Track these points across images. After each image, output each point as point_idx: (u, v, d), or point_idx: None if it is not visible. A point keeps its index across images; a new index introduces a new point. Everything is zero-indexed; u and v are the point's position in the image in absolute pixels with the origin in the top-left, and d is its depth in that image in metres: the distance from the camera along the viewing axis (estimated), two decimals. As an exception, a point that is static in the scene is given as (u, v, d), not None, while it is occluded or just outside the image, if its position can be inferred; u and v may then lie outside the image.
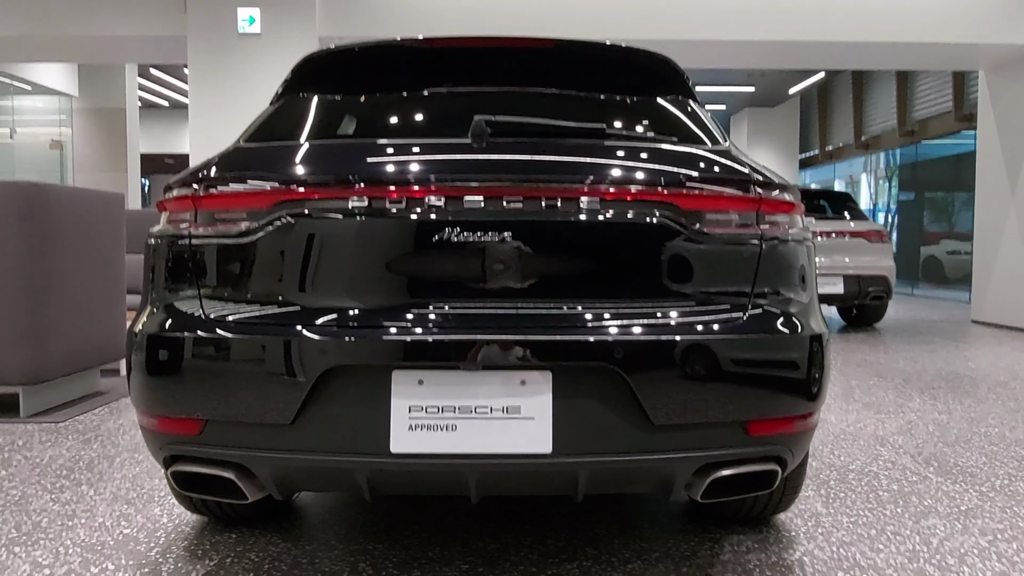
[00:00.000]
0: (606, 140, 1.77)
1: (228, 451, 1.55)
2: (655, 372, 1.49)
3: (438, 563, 2.03)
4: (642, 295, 1.56)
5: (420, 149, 1.68)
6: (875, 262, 7.16)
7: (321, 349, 1.48)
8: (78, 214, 3.90)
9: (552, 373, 1.47)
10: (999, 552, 2.11)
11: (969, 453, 3.10)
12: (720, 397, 1.51)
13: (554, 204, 1.52)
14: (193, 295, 1.62)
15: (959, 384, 4.62)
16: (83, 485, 2.70)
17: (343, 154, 1.72)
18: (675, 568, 2.00)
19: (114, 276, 4.29)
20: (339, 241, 1.56)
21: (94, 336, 4.08)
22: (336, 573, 1.98)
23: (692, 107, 2.02)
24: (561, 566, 2.01)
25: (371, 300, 1.55)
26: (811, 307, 1.72)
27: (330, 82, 2.09)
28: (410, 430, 1.46)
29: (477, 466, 1.48)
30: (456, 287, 1.53)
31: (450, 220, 1.51)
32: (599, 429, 1.48)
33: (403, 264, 1.55)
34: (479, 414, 1.46)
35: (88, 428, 3.52)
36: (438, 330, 1.49)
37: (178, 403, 1.57)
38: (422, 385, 1.47)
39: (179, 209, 1.69)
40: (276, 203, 1.57)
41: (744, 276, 1.61)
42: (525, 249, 1.52)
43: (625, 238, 1.56)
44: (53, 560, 2.06)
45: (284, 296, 1.57)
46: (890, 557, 2.08)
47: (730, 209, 1.61)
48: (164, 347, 1.59)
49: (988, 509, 2.45)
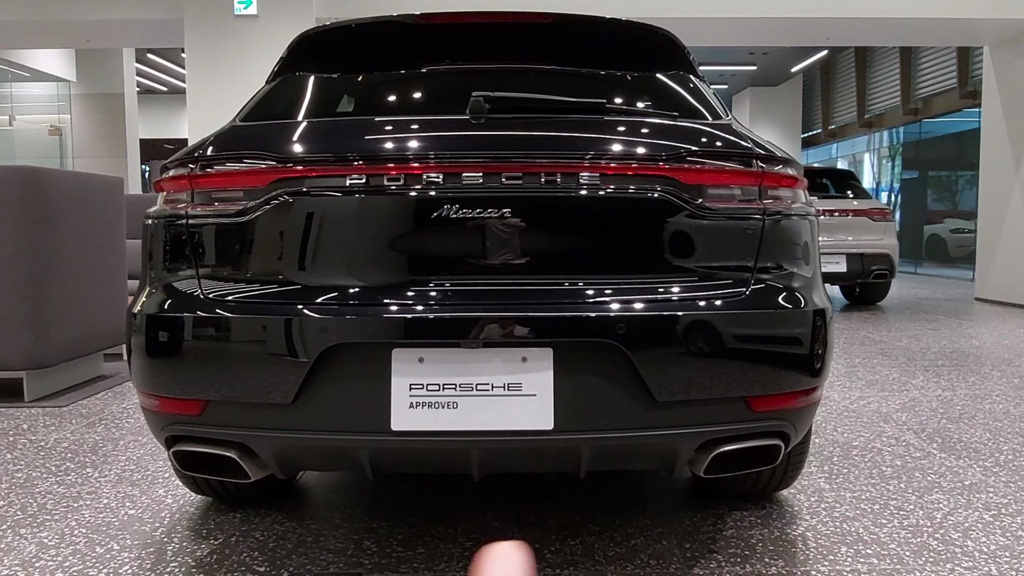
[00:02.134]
0: (606, 115, 1.74)
1: (229, 431, 1.55)
2: (657, 348, 1.47)
3: (442, 540, 2.03)
4: (643, 270, 1.54)
5: (418, 126, 1.66)
6: (878, 240, 7.13)
7: (321, 328, 1.47)
8: (78, 199, 3.88)
9: (553, 350, 1.46)
10: (1003, 526, 2.11)
11: (973, 429, 3.09)
12: (723, 372, 1.50)
13: (554, 180, 1.51)
14: (191, 275, 1.61)
15: (963, 361, 4.61)
16: (88, 468, 2.71)
17: (340, 131, 1.69)
18: (678, 544, 2.01)
19: (115, 260, 4.28)
20: (337, 219, 1.54)
21: (96, 321, 4.08)
22: (341, 551, 1.98)
23: (693, 82, 2.00)
24: (564, 543, 2.01)
25: (370, 278, 1.53)
26: (814, 282, 1.71)
27: (326, 60, 2.07)
28: (411, 408, 1.45)
29: (478, 443, 1.47)
30: (456, 264, 1.52)
31: (449, 197, 1.50)
32: (601, 405, 1.47)
33: (402, 241, 1.53)
34: (480, 391, 1.46)
35: (92, 412, 3.53)
36: (438, 307, 1.48)
37: (178, 384, 1.57)
38: (422, 363, 1.46)
39: (176, 189, 1.67)
40: (273, 181, 1.55)
41: (747, 251, 1.59)
42: (525, 225, 1.51)
43: (626, 213, 1.54)
44: (59, 541, 2.07)
45: (283, 275, 1.56)
46: (893, 532, 2.08)
47: (732, 183, 1.59)
48: (163, 328, 1.58)
49: (992, 484, 2.45)
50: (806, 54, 14.29)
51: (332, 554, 1.97)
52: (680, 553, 1.95)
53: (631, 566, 1.88)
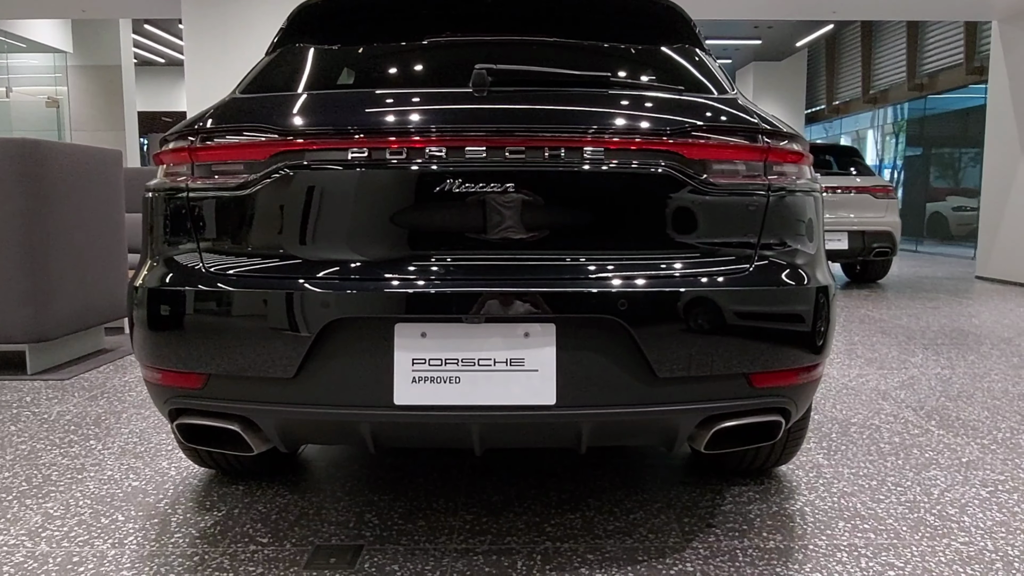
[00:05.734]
0: (610, 88, 1.72)
1: (232, 404, 1.55)
2: (659, 324, 1.47)
3: (443, 514, 2.05)
4: (646, 246, 1.53)
5: (420, 99, 1.64)
6: (880, 218, 7.11)
7: (323, 302, 1.47)
8: (76, 172, 3.86)
9: (556, 325, 1.46)
10: (1000, 503, 2.13)
11: (971, 407, 3.11)
12: (724, 349, 1.51)
13: (557, 154, 1.49)
14: (192, 248, 1.61)
15: (963, 340, 4.62)
16: (91, 440, 2.72)
17: (341, 104, 1.67)
18: (676, 519, 2.02)
19: (114, 234, 4.27)
20: (339, 192, 1.53)
21: (97, 294, 4.08)
22: (343, 523, 2.00)
23: (699, 55, 1.97)
24: (564, 516, 2.03)
25: (372, 252, 1.53)
26: (818, 259, 1.70)
27: (327, 31, 2.04)
28: (413, 382, 1.46)
29: (480, 418, 1.48)
30: (458, 238, 1.51)
31: (451, 171, 1.48)
32: (603, 381, 1.48)
33: (405, 215, 1.52)
34: (482, 366, 1.46)
35: (94, 385, 3.54)
36: (440, 282, 1.47)
37: (180, 357, 1.57)
38: (425, 337, 1.46)
39: (176, 162, 1.66)
40: (274, 154, 1.54)
41: (750, 227, 1.58)
42: (528, 200, 1.50)
43: (629, 188, 1.53)
44: (64, 511, 2.09)
45: (284, 249, 1.55)
46: (891, 507, 2.10)
47: (737, 159, 1.58)
48: (164, 301, 1.58)
49: (989, 461, 2.47)
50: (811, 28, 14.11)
51: (334, 526, 1.99)
52: (679, 527, 1.97)
53: (630, 540, 1.90)
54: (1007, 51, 7.95)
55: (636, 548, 1.86)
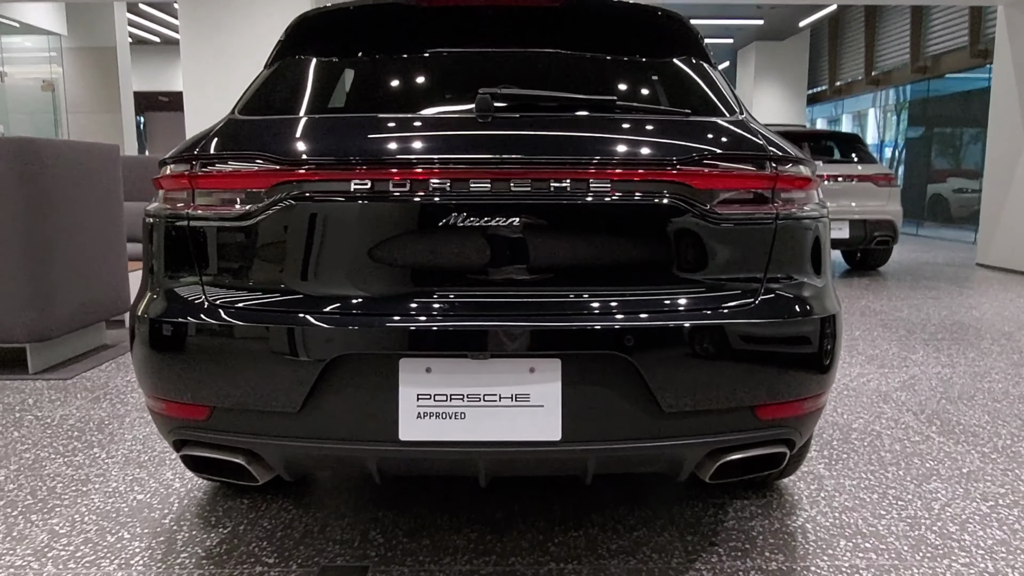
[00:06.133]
0: (615, 113, 1.69)
1: (237, 437, 1.55)
2: (665, 359, 1.47)
3: (447, 531, 2.06)
4: (652, 280, 1.52)
5: (423, 126, 1.62)
6: (882, 207, 7.08)
7: (327, 338, 1.46)
8: (75, 169, 3.82)
9: (561, 361, 1.45)
10: (1000, 519, 2.14)
11: (972, 411, 3.12)
12: (730, 383, 1.50)
13: (563, 187, 1.47)
14: (194, 279, 1.59)
15: (963, 335, 4.62)
16: (95, 447, 2.73)
17: (344, 132, 1.64)
18: (680, 536, 2.04)
19: (113, 229, 4.24)
20: (342, 224, 1.51)
21: (97, 291, 4.07)
22: (348, 542, 2.01)
23: (706, 71, 1.93)
24: (567, 534, 2.04)
25: (376, 286, 1.51)
26: (824, 286, 1.69)
27: (326, 45, 2.00)
28: (418, 418, 1.45)
29: (486, 453, 1.48)
30: (463, 273, 1.50)
31: (456, 203, 1.47)
32: (609, 416, 1.47)
33: (409, 249, 1.50)
34: (488, 402, 1.45)
35: (96, 385, 3.54)
36: (444, 317, 1.46)
37: (184, 389, 1.56)
38: (430, 373, 1.45)
39: (175, 188, 1.63)
40: (276, 184, 1.52)
41: (757, 258, 1.57)
42: (533, 234, 1.48)
43: (635, 221, 1.51)
44: (70, 528, 2.10)
45: (287, 282, 1.54)
46: (892, 524, 2.11)
47: (745, 188, 1.56)
48: (168, 333, 1.56)
49: (990, 472, 2.48)
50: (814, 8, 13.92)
51: (339, 545, 2.00)
52: (682, 546, 1.98)
53: (633, 560, 1.91)
54: (1012, 36, 7.85)
55: (640, 570, 1.87)
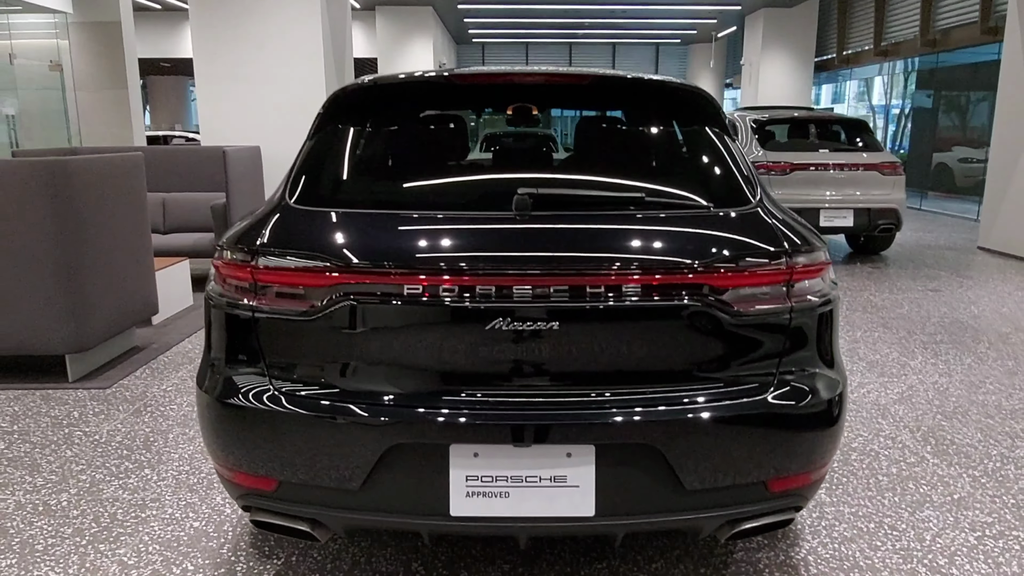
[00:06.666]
0: (643, 211, 1.81)
1: (302, 508, 1.73)
2: (688, 446, 1.64)
3: (482, 562, 2.27)
4: (674, 377, 1.68)
5: (470, 232, 1.73)
6: (886, 195, 7.17)
7: (386, 428, 1.62)
8: (103, 182, 3.94)
9: (595, 447, 1.63)
10: (985, 551, 2.34)
11: (966, 428, 3.31)
12: (745, 463, 1.67)
13: (598, 292, 1.62)
14: (259, 366, 1.74)
15: (961, 338, 4.78)
16: (145, 468, 2.93)
17: (399, 236, 1.74)
18: (694, 568, 2.24)
19: (140, 235, 4.38)
20: (399, 324, 1.66)
21: (128, 298, 4.23)
22: (393, 572, 2.22)
23: (728, 149, 2.02)
24: (592, 566, 2.25)
25: (430, 381, 1.67)
26: (834, 366, 1.83)
27: (367, 120, 2.10)
28: (467, 496, 1.63)
29: (527, 528, 1.66)
30: (509, 371, 1.65)
31: (503, 308, 1.61)
32: (637, 494, 1.65)
33: (459, 348, 1.65)
34: (529, 483, 1.63)
35: (135, 395, 3.73)
36: (491, 411, 1.63)
37: (253, 464, 1.73)
38: (477, 457, 1.63)
39: (238, 278, 1.76)
40: (338, 285, 1.66)
41: (771, 352, 1.72)
42: (570, 335, 1.63)
43: (661, 322, 1.66)
44: (137, 559, 2.30)
45: (348, 375, 1.69)
46: (886, 556, 2.32)
47: (763, 284, 1.70)
48: (238, 416, 1.72)
49: (979, 498, 2.68)
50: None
51: (385, 578, 2.20)
52: (696, 580, 2.19)
53: (652, 594, 2.12)
54: (1023, 13, 7.81)
55: (658, 605, 2.08)
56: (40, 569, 2.25)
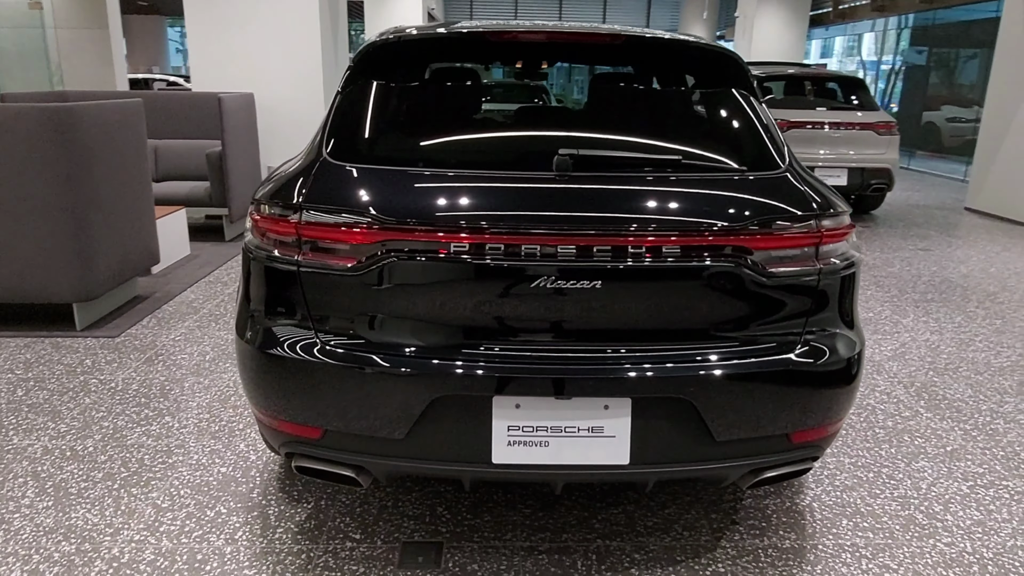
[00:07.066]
0: (681, 173, 1.85)
1: (346, 455, 1.80)
2: (719, 400, 1.72)
3: (504, 508, 2.37)
4: (709, 335, 1.75)
5: (513, 189, 1.75)
6: (880, 155, 7.24)
7: (432, 381, 1.68)
8: (106, 130, 3.89)
9: (632, 400, 1.70)
10: (977, 499, 2.49)
11: (956, 384, 3.45)
12: (770, 416, 1.76)
13: (639, 252, 1.67)
14: (304, 318, 1.78)
15: (950, 296, 4.93)
16: (165, 416, 2.98)
17: (449, 195, 1.75)
18: (705, 514, 2.36)
19: (142, 183, 4.34)
20: (445, 279, 1.70)
21: (132, 247, 4.22)
22: (420, 518, 2.32)
23: (758, 114, 2.05)
24: (608, 512, 2.36)
25: (476, 336, 1.73)
26: (854, 327, 1.91)
27: (400, 74, 2.10)
28: (508, 445, 1.71)
29: (565, 475, 1.75)
30: (551, 327, 1.71)
31: (545, 266, 1.66)
32: (670, 444, 1.74)
33: (505, 304, 1.70)
34: (568, 433, 1.71)
35: (145, 344, 3.76)
36: (532, 365, 1.69)
37: (299, 414, 1.79)
38: (519, 408, 1.70)
39: (280, 233, 1.78)
40: (384, 241, 1.69)
41: (799, 311, 1.79)
42: (613, 293, 1.69)
43: (697, 281, 1.72)
44: (171, 503, 2.38)
45: (396, 329, 1.74)
46: (886, 503, 2.45)
47: (795, 246, 1.76)
48: (284, 367, 1.77)
49: (970, 451, 2.82)
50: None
51: (413, 521, 2.30)
52: (708, 524, 2.31)
53: (668, 537, 2.24)
54: (1025, -23, 7.78)
55: (674, 547, 2.20)
56: (77, 511, 2.32)
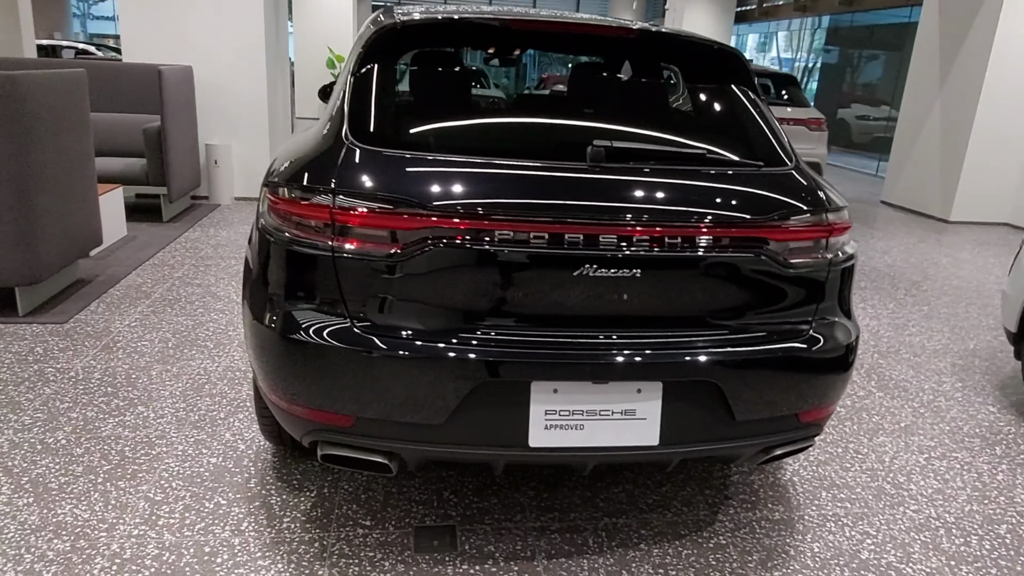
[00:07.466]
0: (703, 167, 1.92)
1: (380, 442, 1.79)
2: (742, 382, 1.82)
3: (509, 490, 2.42)
4: (734, 320, 1.84)
5: (547, 178, 1.78)
6: (812, 150, 7.65)
7: (477, 367, 1.70)
8: (49, 101, 3.63)
9: (663, 384, 1.78)
10: (934, 470, 2.73)
11: (899, 366, 3.74)
12: (784, 398, 1.88)
13: (676, 243, 1.74)
14: (337, 302, 1.74)
15: (881, 284, 5.29)
16: (138, 406, 2.85)
17: (488, 182, 1.75)
18: (699, 490, 2.49)
19: (85, 159, 4.08)
20: (489, 267, 1.70)
21: (76, 227, 3.98)
22: (427, 503, 2.33)
23: (761, 110, 2.16)
24: (610, 491, 2.45)
25: (516, 323, 1.75)
26: (850, 316, 2.06)
27: (425, 59, 2.09)
28: (545, 429, 1.75)
29: (598, 457, 1.81)
30: (589, 314, 1.76)
31: (585, 255, 1.70)
32: (696, 425, 1.83)
33: (548, 292, 1.73)
34: (602, 416, 1.77)
35: (98, 331, 3.56)
36: (570, 351, 1.74)
37: (331, 401, 1.76)
38: (556, 393, 1.74)
39: (310, 216, 1.74)
40: (428, 227, 1.69)
41: (811, 300, 1.91)
42: (647, 282, 1.75)
43: (727, 270, 1.81)
44: (164, 496, 2.29)
45: (436, 317, 1.73)
46: (857, 476, 2.65)
47: (811, 238, 1.88)
48: (313, 353, 1.73)
49: (921, 426, 3.08)
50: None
51: (421, 506, 2.31)
52: (703, 499, 2.44)
53: (669, 513, 2.35)
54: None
55: (676, 522, 2.31)
56: (63, 507, 2.20)
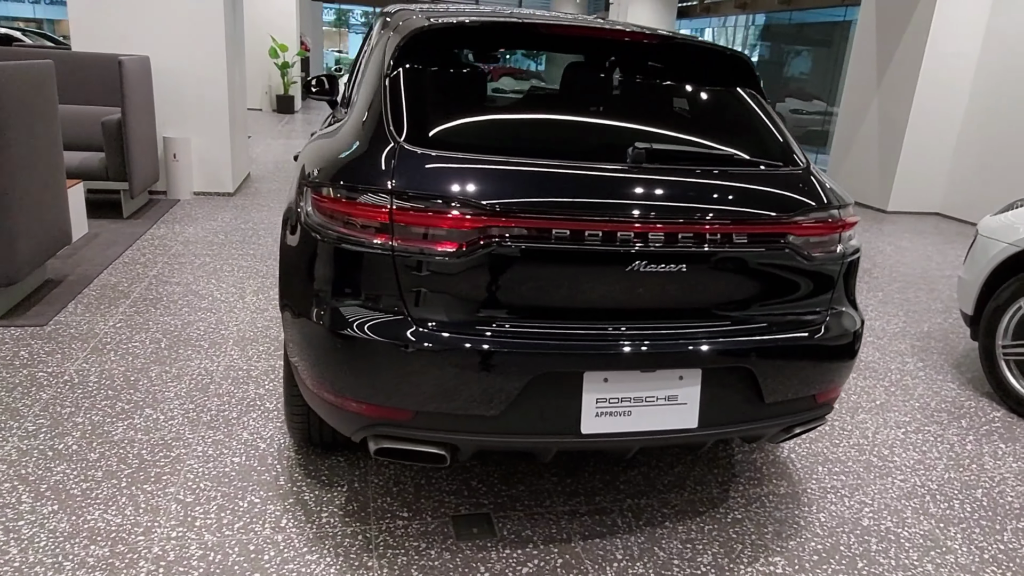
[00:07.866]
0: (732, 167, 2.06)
1: (437, 434, 1.86)
2: (773, 367, 1.97)
3: (533, 476, 2.51)
4: (764, 310, 1.99)
5: (595, 179, 1.87)
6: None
7: (535, 360, 1.78)
8: (18, 95, 3.50)
9: (702, 370, 1.91)
10: (912, 443, 2.97)
11: (866, 349, 4.01)
12: (806, 380, 2.04)
13: (716, 240, 1.87)
14: (395, 299, 1.79)
15: (836, 271, 5.61)
16: (145, 408, 2.81)
17: (542, 182, 1.83)
18: (709, 469, 2.64)
19: (55, 155, 3.94)
20: (544, 264, 1.78)
21: (48, 226, 3.84)
22: (458, 491, 2.40)
23: (771, 114, 2.31)
24: (627, 473, 2.58)
25: (570, 318, 1.84)
26: (856, 306, 2.23)
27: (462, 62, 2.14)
28: (596, 416, 1.86)
29: (643, 441, 1.93)
30: (637, 307, 1.87)
31: (633, 252, 1.81)
32: (730, 408, 1.97)
33: (599, 287, 1.83)
34: (648, 402, 1.88)
35: (82, 333, 3.47)
36: (620, 343, 1.84)
37: (391, 396, 1.82)
38: (607, 382, 1.85)
39: (366, 216, 1.79)
40: (487, 227, 1.76)
41: (826, 290, 2.08)
42: (690, 276, 1.88)
43: (761, 266, 1.95)
44: (195, 497, 2.29)
45: (494, 313, 1.80)
46: (847, 451, 2.87)
47: (829, 233, 2.04)
48: (371, 350, 1.77)
49: (894, 404, 3.33)
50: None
51: (453, 496, 2.38)
52: (714, 478, 2.59)
53: (685, 492, 2.50)
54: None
55: (693, 500, 2.46)
56: (92, 513, 2.18)
